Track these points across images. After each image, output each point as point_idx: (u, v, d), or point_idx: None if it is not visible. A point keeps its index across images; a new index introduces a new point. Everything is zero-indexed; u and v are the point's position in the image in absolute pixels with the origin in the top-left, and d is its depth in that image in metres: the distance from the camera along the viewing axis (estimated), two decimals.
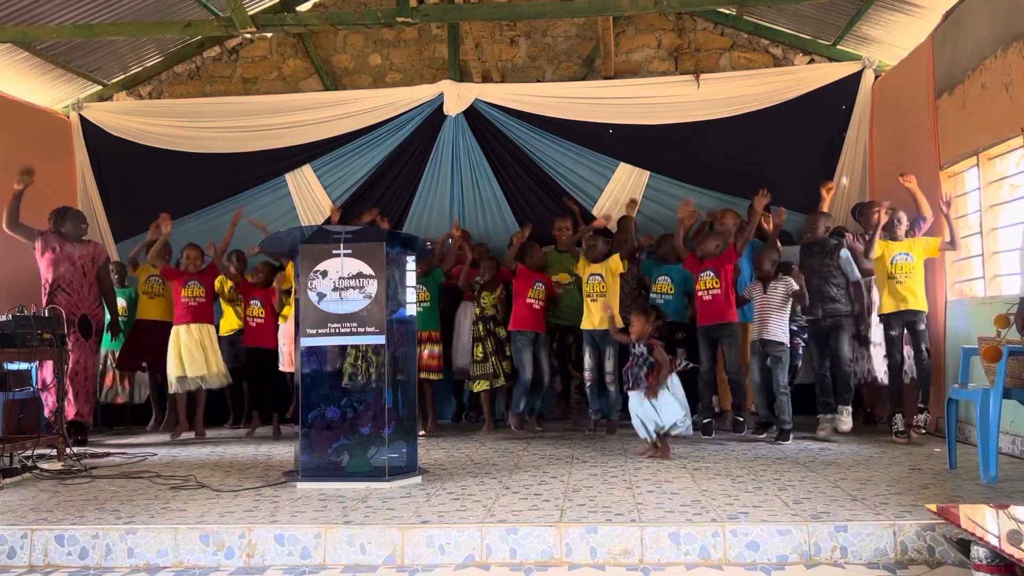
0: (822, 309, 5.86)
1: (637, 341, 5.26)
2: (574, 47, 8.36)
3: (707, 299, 6.00)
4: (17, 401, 6.09)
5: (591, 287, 6.26)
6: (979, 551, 2.78)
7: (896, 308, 5.70)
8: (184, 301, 6.72)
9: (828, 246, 5.99)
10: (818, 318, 5.88)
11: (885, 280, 5.76)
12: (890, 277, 5.72)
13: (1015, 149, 5.34)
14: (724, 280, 5.96)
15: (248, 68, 8.66)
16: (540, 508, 3.74)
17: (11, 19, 6.81)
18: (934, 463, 4.75)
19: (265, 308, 6.95)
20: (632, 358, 5.30)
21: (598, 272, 6.22)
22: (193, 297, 6.72)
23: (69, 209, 6.74)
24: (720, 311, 5.96)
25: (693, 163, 7.68)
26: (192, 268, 6.79)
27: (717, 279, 5.97)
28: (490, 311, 6.56)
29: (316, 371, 4.76)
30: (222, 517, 3.73)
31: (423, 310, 6.48)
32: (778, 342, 5.78)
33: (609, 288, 6.20)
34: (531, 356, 6.35)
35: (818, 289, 5.87)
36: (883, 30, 7.14)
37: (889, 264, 5.73)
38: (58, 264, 6.42)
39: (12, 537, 3.58)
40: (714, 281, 5.96)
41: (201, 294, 6.75)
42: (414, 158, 8.02)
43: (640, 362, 5.21)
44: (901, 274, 5.69)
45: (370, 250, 4.53)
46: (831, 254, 5.93)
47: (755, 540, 3.31)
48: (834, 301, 5.85)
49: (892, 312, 5.72)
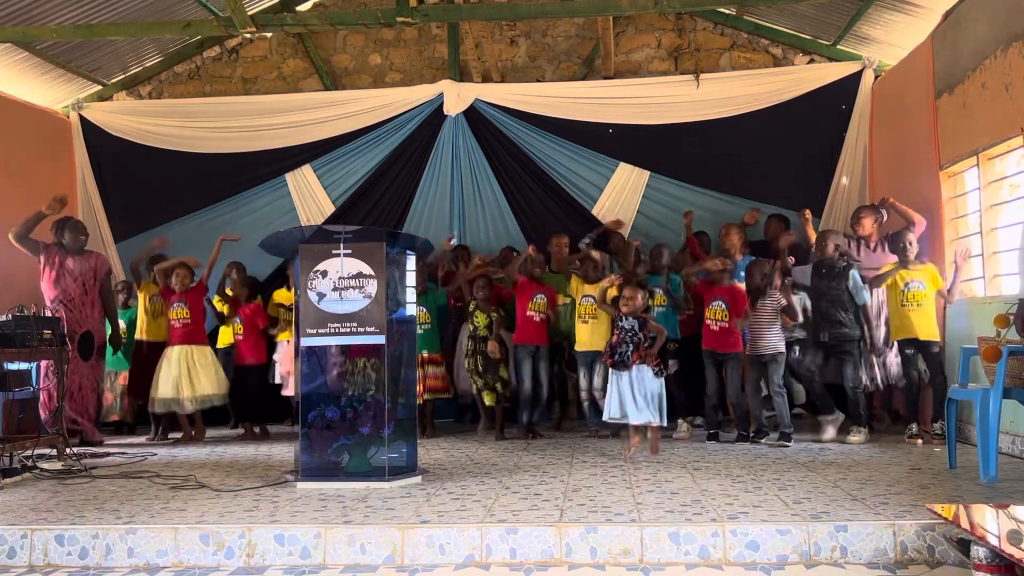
0: (828, 333, 5.78)
1: (628, 315, 5.16)
2: (574, 47, 8.36)
3: (715, 329, 5.93)
4: (17, 401, 6.09)
5: (584, 308, 6.19)
6: (979, 551, 2.78)
7: (904, 336, 5.63)
8: (171, 323, 6.68)
9: (837, 268, 5.84)
10: (824, 342, 5.83)
11: (898, 307, 5.66)
12: (903, 304, 5.62)
13: (1015, 149, 5.34)
14: (733, 314, 5.89)
15: (248, 68, 8.66)
16: (540, 508, 3.74)
17: (11, 19, 6.81)
18: (934, 463, 4.74)
19: (244, 325, 6.86)
20: (618, 332, 5.18)
21: (591, 294, 6.09)
22: (178, 319, 6.64)
23: (69, 219, 6.66)
24: (726, 341, 5.91)
25: (693, 163, 7.68)
26: (180, 288, 6.67)
27: (727, 312, 5.89)
28: (482, 331, 6.46)
29: (317, 378, 4.76)
30: (222, 517, 3.73)
31: (424, 332, 6.39)
32: (772, 352, 5.76)
33: (600, 311, 6.10)
34: (530, 369, 6.31)
35: (825, 313, 5.80)
36: (883, 30, 7.14)
37: (902, 292, 5.63)
38: (59, 281, 6.38)
39: (12, 537, 3.58)
40: (724, 314, 5.89)
41: (186, 315, 6.62)
42: (414, 158, 8.01)
43: (628, 337, 5.10)
44: (913, 303, 5.59)
45: (370, 250, 4.53)
46: (840, 276, 5.80)
47: (755, 540, 3.31)
48: (841, 325, 5.73)
49: (905, 339, 5.65)
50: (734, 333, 5.90)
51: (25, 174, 7.49)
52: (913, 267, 5.67)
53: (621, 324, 5.22)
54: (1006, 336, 4.22)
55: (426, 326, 6.53)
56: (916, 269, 5.68)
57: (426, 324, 6.53)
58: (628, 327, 5.16)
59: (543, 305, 6.37)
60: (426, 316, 6.55)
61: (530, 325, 6.33)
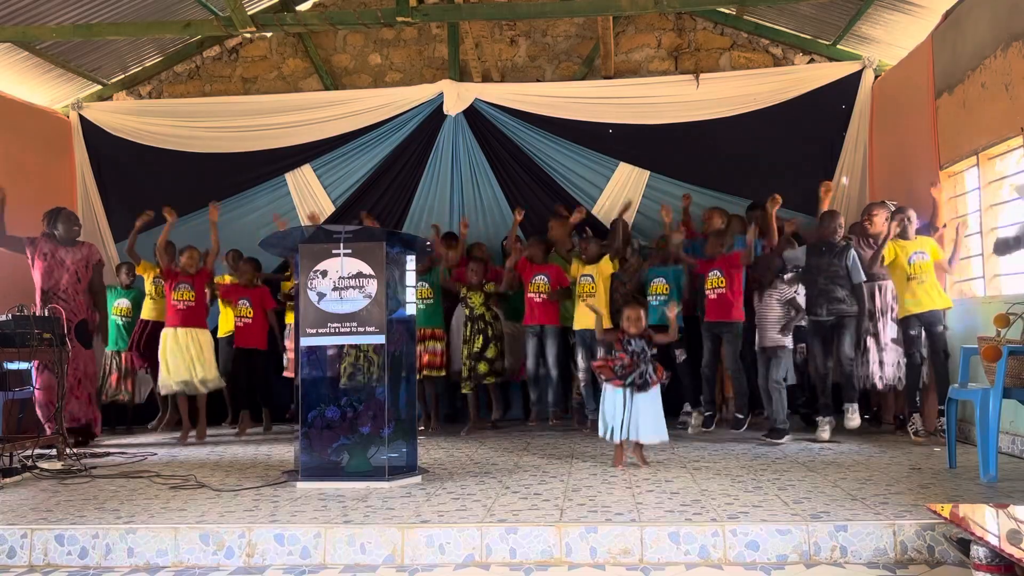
0: (827, 308, 5.84)
1: (635, 337, 4.91)
2: (574, 47, 8.36)
3: (712, 297, 6.08)
4: (17, 401, 6.11)
5: (582, 288, 6.35)
6: (979, 551, 2.78)
7: (919, 310, 5.60)
8: (173, 303, 6.65)
9: (837, 247, 5.93)
10: (822, 317, 5.88)
11: (905, 282, 5.65)
12: (910, 278, 5.62)
13: (1015, 149, 5.34)
14: (730, 280, 6.04)
15: (248, 68, 8.66)
16: (540, 508, 3.74)
17: (11, 19, 6.81)
18: (934, 463, 4.74)
19: (254, 308, 6.94)
20: (630, 357, 4.90)
21: (589, 273, 6.30)
22: (182, 300, 6.63)
23: (62, 210, 6.60)
24: (724, 309, 6.05)
25: (693, 163, 7.69)
26: (192, 269, 6.70)
27: (723, 278, 6.05)
28: (479, 310, 6.55)
29: (317, 373, 4.76)
30: (222, 517, 3.73)
31: (426, 307, 6.53)
32: (777, 345, 5.83)
33: (598, 290, 6.27)
34: (535, 348, 6.39)
35: (824, 289, 5.86)
36: (883, 30, 7.14)
37: (907, 265, 5.64)
38: (51, 271, 6.34)
39: (12, 537, 3.58)
40: (720, 280, 6.05)
41: (191, 297, 6.64)
42: (414, 158, 8.02)
43: (642, 359, 4.91)
44: (921, 273, 5.60)
45: (370, 250, 4.53)
46: (840, 255, 5.87)
47: (755, 540, 3.31)
48: (840, 302, 5.81)
49: (914, 314, 5.64)
50: (733, 302, 5.99)
51: (25, 174, 7.50)
52: (912, 240, 5.71)
53: (631, 348, 4.91)
54: (1006, 336, 4.22)
55: (428, 301, 6.67)
56: (915, 241, 5.73)
57: (428, 299, 6.68)
58: (639, 349, 4.91)
59: (544, 285, 6.49)
60: (429, 292, 6.71)
61: (532, 306, 6.52)
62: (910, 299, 5.68)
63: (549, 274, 6.57)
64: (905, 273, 5.67)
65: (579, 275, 6.39)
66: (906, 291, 5.69)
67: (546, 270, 6.59)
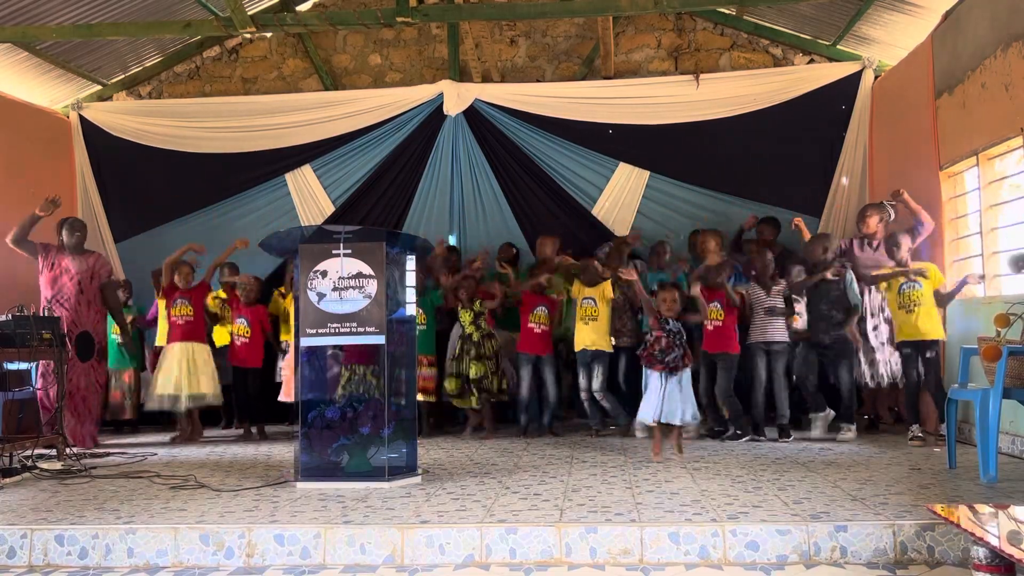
0: (829, 336, 5.87)
1: (670, 318, 5.16)
2: (574, 47, 8.36)
3: (710, 329, 6.04)
4: (17, 401, 6.09)
5: (584, 310, 6.28)
6: (979, 551, 2.78)
7: (911, 337, 5.55)
8: (173, 320, 6.64)
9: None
10: (826, 344, 5.91)
11: (896, 310, 5.64)
12: (900, 307, 5.57)
13: (1015, 149, 5.34)
14: (728, 313, 6.03)
15: (248, 68, 8.66)
16: (540, 508, 3.74)
17: (11, 19, 6.81)
18: (934, 463, 4.75)
19: (252, 327, 6.86)
20: (665, 336, 5.13)
21: (591, 296, 6.26)
22: (181, 316, 6.62)
23: (68, 219, 6.60)
24: (722, 341, 6.02)
25: (693, 163, 7.69)
26: (183, 284, 6.66)
27: (722, 312, 6.03)
28: (469, 328, 6.52)
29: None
30: (222, 517, 3.73)
31: (419, 333, 6.40)
32: (780, 341, 5.93)
33: (600, 312, 6.24)
34: (529, 374, 6.43)
35: (826, 315, 5.89)
36: (883, 30, 7.14)
37: (898, 294, 5.58)
38: (56, 280, 6.33)
39: (12, 537, 3.58)
40: (719, 313, 6.02)
41: (189, 312, 6.63)
42: (414, 158, 8.01)
43: (678, 340, 5.10)
44: (910, 303, 5.51)
45: (370, 250, 4.53)
46: (838, 280, 5.90)
47: (755, 540, 3.31)
48: (840, 326, 5.84)
49: (906, 340, 5.59)
50: (728, 334, 6.01)
51: (25, 174, 7.50)
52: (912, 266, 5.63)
53: (668, 328, 5.15)
54: (1006, 336, 4.22)
55: (422, 327, 6.56)
56: (915, 265, 5.66)
57: (422, 325, 6.56)
58: (675, 329, 5.14)
59: (543, 317, 6.47)
60: (422, 317, 6.59)
61: (531, 336, 6.46)
62: (899, 325, 5.65)
63: (549, 306, 6.52)
64: (896, 302, 5.62)
65: (581, 297, 6.32)
66: (897, 317, 5.66)
67: (546, 301, 6.52)
